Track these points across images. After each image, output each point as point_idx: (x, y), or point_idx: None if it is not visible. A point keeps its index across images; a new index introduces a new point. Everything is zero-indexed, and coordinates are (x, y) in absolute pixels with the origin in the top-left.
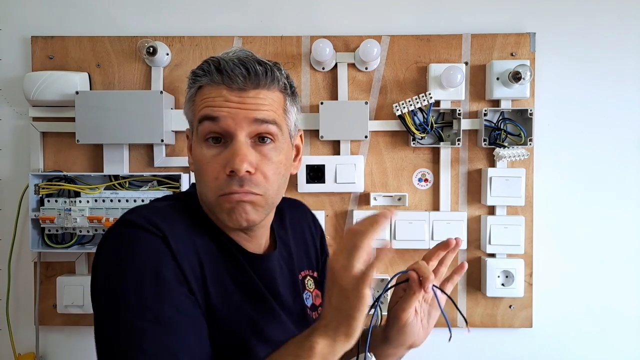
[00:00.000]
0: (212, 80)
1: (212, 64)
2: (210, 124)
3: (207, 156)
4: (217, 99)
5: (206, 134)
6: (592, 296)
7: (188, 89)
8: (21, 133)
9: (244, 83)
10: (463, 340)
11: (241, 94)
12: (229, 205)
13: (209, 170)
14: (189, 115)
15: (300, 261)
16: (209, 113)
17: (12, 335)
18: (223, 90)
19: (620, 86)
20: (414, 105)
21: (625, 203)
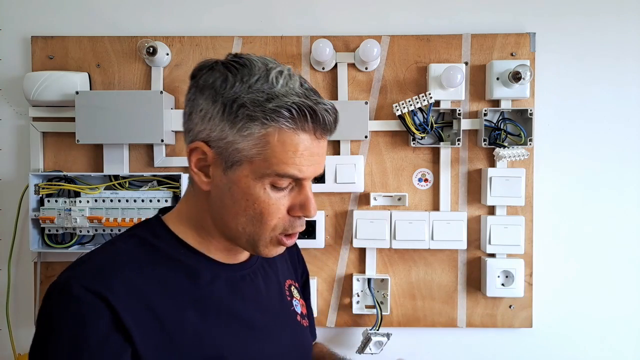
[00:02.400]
0: (301, 129)
1: (307, 110)
2: (291, 180)
3: (274, 199)
4: (305, 154)
5: (280, 184)
6: (592, 296)
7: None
8: (21, 133)
9: (328, 133)
10: (463, 340)
11: (321, 145)
12: (279, 248)
13: (274, 211)
14: (245, 148)
15: (284, 269)
16: (295, 173)
17: (12, 335)
18: (309, 140)
19: (620, 86)
20: (414, 105)
21: (625, 203)
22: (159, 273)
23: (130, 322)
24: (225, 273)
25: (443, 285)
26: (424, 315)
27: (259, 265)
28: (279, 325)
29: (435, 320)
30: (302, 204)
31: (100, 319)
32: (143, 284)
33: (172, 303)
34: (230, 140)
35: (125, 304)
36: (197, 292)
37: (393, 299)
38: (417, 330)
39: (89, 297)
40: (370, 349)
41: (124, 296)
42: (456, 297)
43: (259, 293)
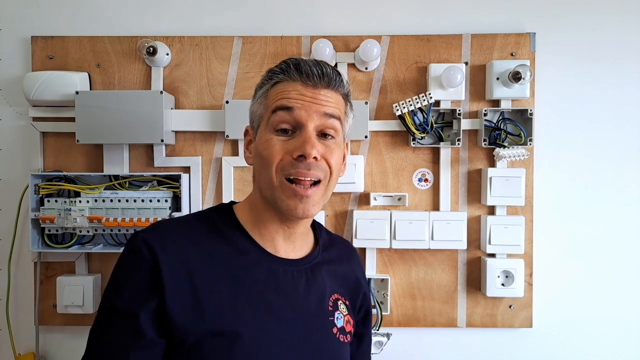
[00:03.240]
0: (289, 77)
1: (291, 63)
2: (283, 113)
3: (277, 143)
4: (293, 92)
5: (278, 123)
6: (592, 296)
7: (260, 86)
8: (21, 133)
9: (318, 81)
10: (463, 340)
11: (314, 90)
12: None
13: (275, 153)
14: (258, 109)
15: (337, 284)
16: (284, 103)
17: (12, 335)
18: (298, 85)
19: (621, 86)
20: (414, 105)
21: (625, 203)
22: (210, 246)
23: (167, 276)
24: (269, 262)
25: (443, 285)
26: (424, 315)
27: (308, 269)
28: (308, 327)
29: (435, 320)
30: (299, 144)
31: (142, 263)
32: (192, 251)
33: (211, 274)
34: (252, 110)
35: (168, 260)
36: (238, 271)
37: (393, 299)
38: (417, 330)
39: (143, 247)
40: None
41: (170, 255)
42: (456, 297)
43: (295, 291)
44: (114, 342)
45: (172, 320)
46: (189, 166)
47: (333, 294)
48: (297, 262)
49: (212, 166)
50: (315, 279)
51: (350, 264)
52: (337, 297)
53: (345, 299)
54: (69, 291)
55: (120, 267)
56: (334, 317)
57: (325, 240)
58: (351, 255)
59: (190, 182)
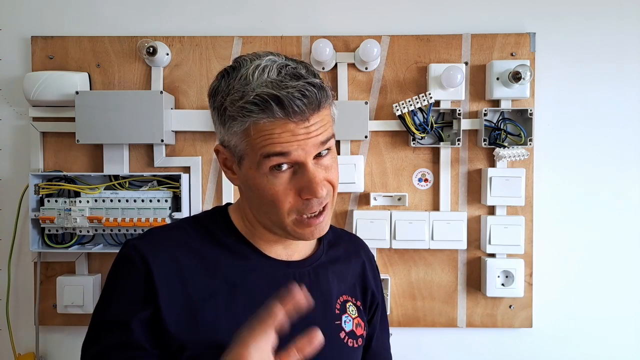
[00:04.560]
0: (272, 117)
1: (270, 99)
2: (280, 159)
3: (278, 184)
4: (285, 135)
5: (272, 166)
6: (592, 296)
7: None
8: (21, 133)
9: (307, 112)
10: (463, 340)
11: (305, 125)
12: (310, 229)
13: (282, 197)
14: (238, 145)
15: (346, 284)
16: (278, 150)
17: (12, 335)
18: (288, 124)
19: (620, 86)
20: (414, 105)
21: (625, 203)
22: (204, 252)
23: (160, 285)
24: (268, 266)
25: (443, 285)
26: (424, 315)
27: (311, 270)
28: None
29: (435, 320)
30: (306, 186)
31: (135, 272)
32: (185, 258)
33: (206, 282)
34: (227, 139)
35: (161, 269)
36: (235, 277)
37: (393, 299)
38: (417, 330)
39: (135, 255)
40: None
41: (163, 263)
42: (456, 297)
43: None
44: (107, 353)
45: (168, 330)
46: (189, 166)
47: (341, 296)
48: (298, 264)
49: (212, 166)
50: (320, 281)
51: (359, 259)
52: (346, 299)
53: (356, 300)
54: (69, 291)
55: (112, 276)
56: (342, 320)
57: (331, 238)
58: (358, 249)
59: (190, 182)
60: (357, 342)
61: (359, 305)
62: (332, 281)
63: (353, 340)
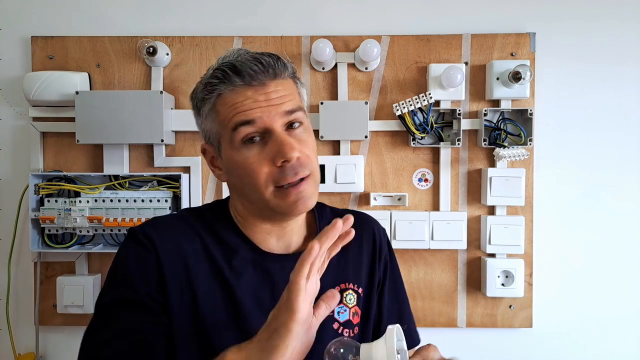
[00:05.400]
0: (232, 85)
1: (227, 68)
2: (247, 128)
3: (252, 156)
4: (246, 102)
5: (243, 138)
6: (592, 296)
7: (201, 101)
8: (21, 133)
9: (264, 78)
10: (463, 340)
11: (265, 90)
12: (291, 198)
13: (257, 168)
14: (212, 127)
15: (344, 272)
16: (243, 119)
17: (12, 335)
18: (247, 91)
19: (620, 86)
20: (414, 105)
21: (625, 202)
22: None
23: (168, 272)
24: (263, 260)
25: (443, 285)
26: (424, 315)
27: None
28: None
29: (435, 320)
30: (278, 150)
31: (149, 255)
32: (188, 249)
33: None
34: (204, 128)
35: (168, 256)
36: (231, 272)
37: None
38: None
39: (145, 240)
40: None
41: (169, 251)
42: (456, 297)
43: None
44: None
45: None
46: (189, 166)
47: (338, 285)
48: (292, 256)
49: None
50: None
51: (365, 238)
52: (344, 287)
53: (358, 286)
54: (69, 291)
55: (124, 260)
56: (334, 312)
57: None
58: (363, 227)
59: (190, 182)
60: (353, 331)
61: (361, 292)
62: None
63: (349, 330)
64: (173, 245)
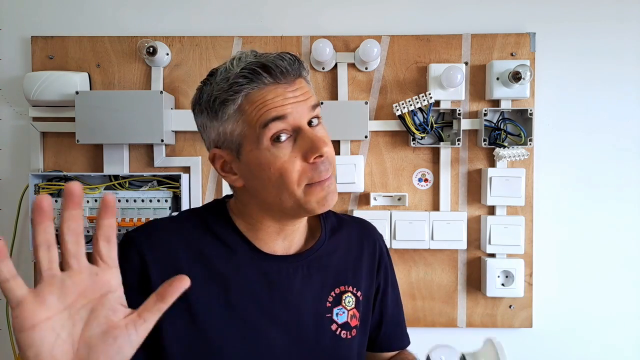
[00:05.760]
0: (262, 83)
1: (257, 67)
2: (279, 124)
3: (283, 155)
4: (277, 99)
5: (273, 135)
6: (592, 296)
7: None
8: (21, 133)
9: (291, 76)
10: (463, 340)
11: (293, 87)
12: (322, 193)
13: (289, 166)
14: (236, 128)
15: (344, 275)
16: (275, 114)
17: (12, 335)
18: (277, 89)
19: (620, 86)
20: (414, 105)
21: (625, 202)
22: (200, 245)
23: (155, 276)
24: (261, 261)
25: (443, 285)
26: (424, 315)
27: (305, 264)
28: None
29: (435, 320)
30: (311, 146)
31: (129, 264)
32: (181, 250)
33: (201, 274)
34: (222, 131)
35: (156, 261)
36: (228, 271)
37: None
38: (417, 330)
39: (130, 247)
40: None
41: (158, 255)
42: (456, 297)
43: (290, 290)
44: None
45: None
46: (189, 166)
47: (337, 287)
48: (293, 257)
49: (212, 166)
50: (313, 275)
51: (366, 244)
52: (344, 290)
53: (358, 289)
54: None
55: None
56: (333, 313)
57: (334, 225)
58: (364, 234)
59: (190, 182)
60: (351, 333)
61: (360, 296)
62: (329, 273)
63: (347, 332)
64: (164, 251)
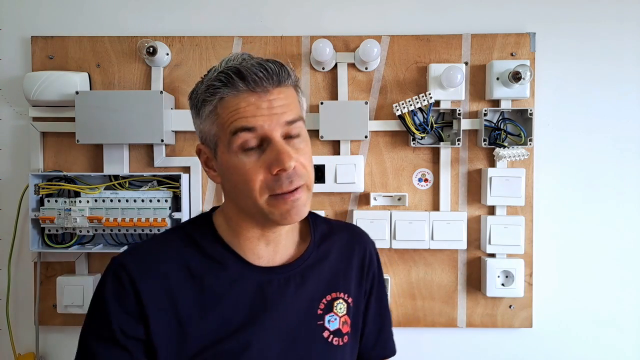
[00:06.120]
0: (235, 89)
1: (232, 72)
2: (247, 134)
3: (248, 163)
4: (249, 108)
5: (242, 145)
6: (592, 296)
7: (201, 102)
8: (21, 133)
9: (268, 84)
10: (463, 340)
11: (268, 97)
12: (285, 207)
13: (253, 175)
14: (211, 129)
15: (335, 281)
16: (244, 124)
17: (12, 335)
18: (250, 97)
19: (620, 86)
20: (414, 105)
21: (625, 202)
22: (190, 264)
23: (149, 303)
24: (253, 274)
25: (443, 285)
26: (424, 315)
27: (297, 273)
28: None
29: (435, 320)
30: (274, 158)
31: (124, 292)
32: (173, 272)
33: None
34: (202, 129)
35: (149, 287)
36: (221, 288)
37: (393, 299)
38: (417, 330)
39: (122, 274)
40: None
41: (150, 281)
42: (456, 297)
43: (283, 300)
44: None
45: (157, 348)
46: (189, 166)
47: (328, 294)
48: (282, 268)
49: None
50: (305, 283)
51: (356, 250)
52: (335, 297)
53: (349, 295)
54: (69, 291)
55: (101, 297)
56: (324, 320)
57: (324, 232)
58: (355, 240)
59: (190, 182)
60: (342, 340)
61: (351, 302)
62: (320, 280)
63: (339, 339)
64: (155, 277)
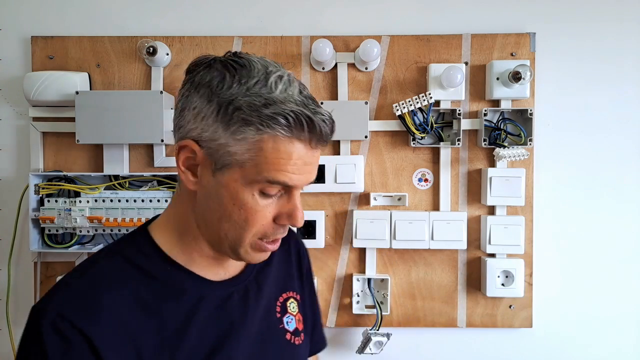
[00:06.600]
0: (297, 137)
1: (304, 120)
2: (280, 187)
3: (262, 206)
4: (298, 162)
5: (268, 190)
6: (592, 296)
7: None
8: (21, 133)
9: (325, 143)
10: (463, 340)
11: (315, 154)
12: (263, 254)
13: (260, 218)
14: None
15: (284, 282)
16: (285, 181)
17: (12, 335)
18: (303, 149)
19: (620, 86)
20: (414, 105)
21: (625, 202)
22: (145, 299)
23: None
24: (213, 292)
25: (443, 285)
26: (424, 315)
27: (251, 280)
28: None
29: (435, 320)
30: (290, 213)
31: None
32: (129, 316)
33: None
34: (222, 142)
35: (110, 343)
36: (180, 317)
37: (393, 299)
38: (417, 330)
39: (69, 330)
40: (370, 349)
41: (109, 334)
42: (456, 297)
43: (245, 312)
44: None
45: None
46: None
47: (281, 295)
48: (238, 279)
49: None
50: (261, 290)
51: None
52: (286, 297)
53: (297, 292)
54: None
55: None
56: (284, 322)
57: None
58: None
59: None
60: (300, 338)
61: (299, 298)
62: (272, 283)
63: (297, 338)
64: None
